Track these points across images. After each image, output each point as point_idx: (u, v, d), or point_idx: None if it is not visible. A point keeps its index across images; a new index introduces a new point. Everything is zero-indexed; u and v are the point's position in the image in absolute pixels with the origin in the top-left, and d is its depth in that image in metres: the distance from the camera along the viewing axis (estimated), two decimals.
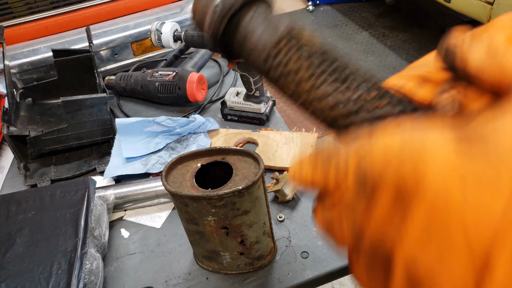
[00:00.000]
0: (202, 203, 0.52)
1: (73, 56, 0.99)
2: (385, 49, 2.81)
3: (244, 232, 0.56)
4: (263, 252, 0.62)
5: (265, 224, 0.58)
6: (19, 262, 0.60)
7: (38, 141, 0.85)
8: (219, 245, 0.59)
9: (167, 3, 1.28)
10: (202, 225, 0.55)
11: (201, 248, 0.62)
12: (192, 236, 0.61)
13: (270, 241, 0.62)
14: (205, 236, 0.58)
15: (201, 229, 0.56)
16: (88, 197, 0.69)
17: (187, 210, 0.55)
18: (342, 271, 0.64)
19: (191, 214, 0.55)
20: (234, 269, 0.63)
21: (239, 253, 0.60)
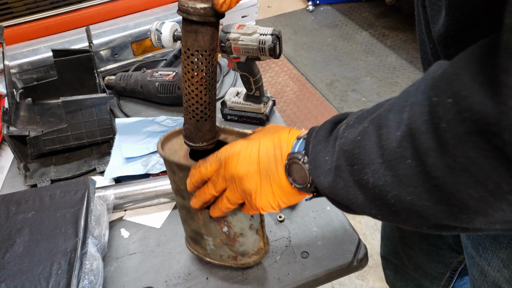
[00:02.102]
0: (187, 173, 0.52)
1: (73, 56, 0.99)
2: (385, 49, 2.81)
3: (227, 219, 0.56)
4: (248, 249, 0.60)
5: (253, 218, 0.57)
6: (19, 262, 0.60)
7: (38, 141, 0.85)
8: (202, 227, 0.59)
9: (167, 3, 1.28)
10: (188, 199, 0.55)
11: (187, 227, 0.62)
12: (180, 211, 0.61)
13: (260, 240, 0.60)
14: (190, 214, 0.58)
15: (187, 204, 0.56)
16: (88, 197, 0.69)
17: (175, 179, 0.55)
18: (342, 271, 0.64)
19: (178, 185, 0.56)
20: (217, 259, 0.62)
21: (222, 241, 0.59)
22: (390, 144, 0.33)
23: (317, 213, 0.73)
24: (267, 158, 0.46)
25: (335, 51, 2.86)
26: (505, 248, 0.56)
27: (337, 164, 0.39)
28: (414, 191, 0.32)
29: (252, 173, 0.47)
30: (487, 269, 0.60)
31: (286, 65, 2.80)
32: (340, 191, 0.39)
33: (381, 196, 0.35)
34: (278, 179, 0.46)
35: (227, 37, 0.83)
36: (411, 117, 0.31)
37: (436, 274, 0.94)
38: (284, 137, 0.47)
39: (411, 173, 0.32)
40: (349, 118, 0.41)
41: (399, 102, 0.34)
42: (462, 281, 0.94)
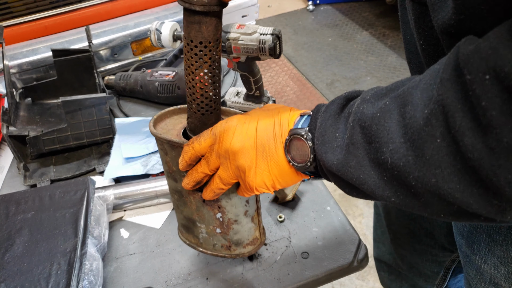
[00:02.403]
0: (179, 153, 0.50)
1: (72, 56, 0.99)
2: (385, 49, 2.81)
3: (221, 203, 0.53)
4: (243, 238, 0.57)
5: (248, 203, 0.55)
6: (19, 262, 0.60)
7: (37, 141, 0.85)
8: (195, 212, 0.56)
9: (167, 3, 1.28)
10: (180, 182, 0.52)
11: (179, 213, 0.59)
12: (172, 196, 0.58)
13: (255, 229, 0.58)
14: (183, 198, 0.56)
15: (179, 188, 0.54)
16: (88, 197, 0.68)
17: (166, 160, 0.53)
18: (342, 271, 0.64)
19: (170, 165, 0.53)
20: (210, 248, 0.60)
21: (215, 228, 0.57)
22: (415, 122, 0.31)
23: (317, 213, 0.73)
24: (266, 134, 0.44)
25: (335, 51, 2.86)
26: (501, 245, 0.56)
27: (351, 141, 0.37)
28: (441, 172, 0.30)
29: (247, 148, 0.44)
30: (483, 267, 0.60)
31: (286, 65, 2.80)
32: (351, 170, 0.37)
33: (400, 177, 0.33)
34: (275, 156, 0.44)
35: (227, 37, 0.83)
36: (442, 94, 0.29)
37: (430, 273, 0.94)
38: (285, 115, 0.45)
39: (439, 154, 0.30)
40: (364, 94, 0.39)
41: (425, 80, 0.32)
42: (456, 279, 0.94)
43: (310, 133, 0.42)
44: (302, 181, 0.47)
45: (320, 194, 0.76)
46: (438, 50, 0.45)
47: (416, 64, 0.56)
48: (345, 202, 1.82)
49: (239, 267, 0.65)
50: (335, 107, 0.41)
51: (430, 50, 0.46)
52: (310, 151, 0.42)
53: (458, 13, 0.34)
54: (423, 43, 0.46)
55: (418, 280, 0.98)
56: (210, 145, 0.47)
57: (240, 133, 0.45)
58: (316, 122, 0.42)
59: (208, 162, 0.47)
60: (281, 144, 0.44)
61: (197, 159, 0.48)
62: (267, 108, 0.48)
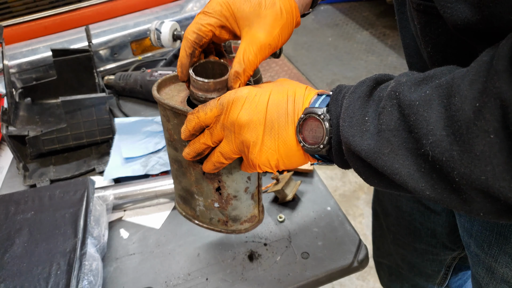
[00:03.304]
0: (182, 121, 0.48)
1: (72, 56, 0.99)
2: (385, 49, 2.81)
3: (222, 178, 0.51)
4: (241, 214, 0.56)
5: (249, 180, 0.53)
6: (18, 263, 0.60)
7: (37, 141, 0.85)
8: (194, 184, 0.54)
9: (167, 2, 1.28)
10: (181, 151, 0.51)
11: (178, 184, 0.58)
12: (172, 166, 0.57)
13: (254, 207, 0.56)
14: (182, 168, 0.54)
15: (179, 157, 0.52)
16: (87, 197, 0.68)
17: (168, 127, 0.51)
18: (342, 271, 0.64)
19: (172, 133, 0.51)
20: (206, 221, 0.58)
21: (213, 202, 0.55)
22: (463, 115, 0.29)
23: (317, 213, 0.72)
24: (277, 109, 0.42)
25: (335, 51, 2.86)
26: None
27: (387, 126, 0.34)
28: (492, 170, 0.28)
29: (255, 123, 0.42)
30: (495, 266, 0.59)
31: (286, 65, 2.80)
32: (384, 158, 0.35)
33: (442, 171, 0.31)
34: (284, 134, 0.42)
35: None
36: (500, 87, 0.27)
37: (431, 273, 0.94)
38: (301, 92, 0.43)
39: (492, 150, 0.28)
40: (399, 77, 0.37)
41: (473, 71, 0.30)
42: (457, 277, 0.94)
43: (328, 114, 0.40)
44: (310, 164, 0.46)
45: (320, 194, 0.76)
46: (447, 56, 0.44)
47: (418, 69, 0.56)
48: (345, 202, 1.82)
49: (239, 267, 0.65)
50: (365, 88, 0.39)
51: (439, 57, 0.45)
52: (326, 133, 0.40)
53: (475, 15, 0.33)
54: (431, 51, 0.45)
55: (419, 280, 0.97)
56: (216, 115, 0.44)
57: (249, 105, 0.42)
58: (339, 103, 0.40)
59: (211, 133, 0.45)
60: (292, 123, 0.42)
61: (201, 129, 0.46)
62: (280, 82, 0.46)
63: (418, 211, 0.83)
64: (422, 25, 0.44)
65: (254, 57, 0.45)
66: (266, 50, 0.46)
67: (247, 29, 0.46)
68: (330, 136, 0.40)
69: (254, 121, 0.42)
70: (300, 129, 0.41)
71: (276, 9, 0.46)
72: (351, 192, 1.85)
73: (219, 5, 0.46)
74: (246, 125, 0.42)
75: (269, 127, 0.42)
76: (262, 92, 0.43)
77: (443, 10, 0.36)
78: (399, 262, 0.98)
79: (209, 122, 0.45)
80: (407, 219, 0.87)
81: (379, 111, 0.36)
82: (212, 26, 0.47)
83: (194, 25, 0.47)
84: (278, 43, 0.47)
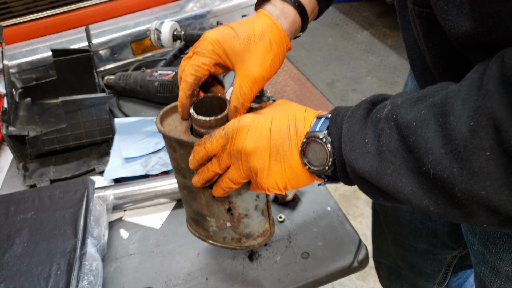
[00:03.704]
0: (189, 151, 0.50)
1: (72, 56, 0.99)
2: (385, 49, 2.81)
3: (232, 199, 0.53)
4: (253, 231, 0.57)
5: (259, 198, 0.54)
6: (18, 263, 0.60)
7: (37, 141, 0.85)
8: (205, 207, 0.56)
9: (167, 2, 1.28)
10: (189, 178, 0.52)
11: (189, 208, 0.59)
12: (181, 191, 0.58)
13: (265, 221, 0.58)
14: (192, 193, 0.56)
15: (189, 183, 0.54)
16: (87, 197, 0.68)
17: (175, 157, 0.53)
18: (342, 271, 0.64)
19: (179, 162, 0.53)
20: (220, 241, 0.59)
21: (225, 222, 0.56)
22: (459, 134, 0.31)
23: (317, 213, 0.72)
24: (280, 135, 0.43)
25: (335, 51, 2.86)
26: None
27: (387, 148, 0.36)
28: (491, 185, 0.30)
29: (261, 150, 0.43)
30: (499, 264, 0.59)
31: (286, 65, 2.80)
32: (387, 177, 0.36)
33: (443, 188, 0.33)
34: (290, 158, 0.43)
35: None
36: (492, 107, 0.29)
37: (431, 272, 0.94)
38: (300, 115, 0.44)
39: (489, 166, 0.29)
40: (394, 99, 0.38)
41: (465, 90, 0.32)
42: (457, 277, 0.94)
43: (329, 136, 0.41)
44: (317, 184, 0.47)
45: (320, 194, 0.76)
46: (451, 62, 0.44)
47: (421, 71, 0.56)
48: (345, 202, 1.82)
49: (239, 267, 0.65)
50: (361, 111, 0.40)
51: (443, 63, 0.46)
52: (329, 155, 0.41)
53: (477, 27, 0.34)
54: (435, 57, 0.46)
55: (419, 280, 0.97)
56: (222, 145, 0.46)
57: (253, 133, 0.44)
58: (338, 126, 0.41)
59: (219, 161, 0.47)
60: (296, 147, 0.43)
61: (208, 158, 0.48)
62: (280, 106, 0.47)
63: (419, 210, 0.83)
64: (425, 32, 0.45)
65: (249, 91, 0.48)
66: (260, 83, 0.48)
67: (239, 65, 0.48)
68: (333, 158, 0.41)
69: (260, 148, 0.44)
70: (304, 153, 0.43)
71: (266, 42, 0.48)
72: (351, 192, 1.85)
73: (211, 44, 0.48)
74: (252, 152, 0.44)
75: (274, 152, 0.44)
76: (264, 119, 0.45)
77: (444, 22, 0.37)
78: (398, 262, 0.98)
79: (216, 152, 0.47)
80: (408, 218, 0.87)
81: (378, 133, 0.37)
82: (208, 66, 0.49)
83: (190, 66, 0.49)
84: (271, 74, 0.49)
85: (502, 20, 0.32)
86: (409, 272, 0.98)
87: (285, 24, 0.51)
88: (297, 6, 0.52)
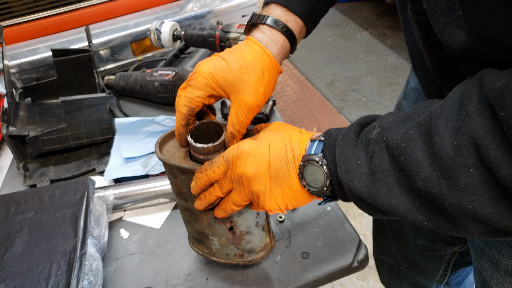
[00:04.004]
0: (189, 177, 0.52)
1: (72, 56, 0.99)
2: (385, 49, 2.81)
3: (233, 219, 0.55)
4: (255, 246, 0.60)
5: (259, 215, 0.56)
6: (19, 263, 0.60)
7: (37, 141, 0.85)
8: (207, 227, 0.58)
9: (167, 3, 1.28)
10: (191, 201, 0.54)
11: (191, 228, 0.61)
12: (183, 213, 0.60)
13: (266, 236, 0.60)
14: (194, 215, 0.57)
15: (190, 206, 0.55)
16: (88, 197, 0.68)
17: (176, 182, 0.54)
18: (342, 271, 0.64)
19: (180, 187, 0.54)
20: (223, 257, 0.61)
21: (228, 240, 0.58)
22: (445, 153, 0.33)
23: (317, 213, 0.72)
24: (278, 159, 0.46)
25: (335, 51, 2.86)
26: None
27: (380, 168, 0.38)
28: (477, 199, 0.32)
29: (261, 175, 0.46)
30: (498, 259, 0.60)
31: (286, 65, 2.80)
32: (382, 196, 0.38)
33: (434, 203, 0.35)
34: (289, 181, 0.46)
35: (227, 37, 0.83)
36: (471, 127, 0.31)
37: (431, 270, 0.94)
38: (296, 139, 0.47)
39: (474, 182, 0.31)
40: (381, 121, 0.40)
41: (447, 110, 0.34)
42: (456, 274, 0.95)
43: (324, 159, 0.43)
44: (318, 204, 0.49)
45: None
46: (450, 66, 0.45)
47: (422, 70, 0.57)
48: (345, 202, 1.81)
49: (239, 267, 0.65)
50: (352, 135, 0.42)
51: (442, 67, 0.47)
52: (326, 176, 0.43)
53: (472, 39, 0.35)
54: (434, 61, 0.47)
55: (419, 278, 0.98)
56: (223, 171, 0.48)
57: (253, 159, 0.46)
58: (331, 148, 0.43)
59: (221, 186, 0.49)
60: (294, 170, 0.45)
61: (210, 184, 0.50)
62: (276, 130, 0.49)
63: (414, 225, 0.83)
64: (424, 37, 0.46)
65: (245, 118, 0.51)
66: (255, 110, 0.51)
67: (234, 95, 0.50)
68: (331, 179, 0.43)
69: (260, 173, 0.46)
70: (302, 175, 0.45)
71: (258, 71, 0.50)
72: None
73: (204, 78, 0.50)
74: (253, 177, 0.46)
75: (274, 176, 0.46)
76: (262, 144, 0.47)
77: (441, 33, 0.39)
78: (398, 259, 0.98)
79: (218, 178, 0.49)
80: None
81: (370, 155, 0.39)
82: (201, 98, 0.51)
83: (184, 98, 0.51)
84: (265, 100, 0.52)
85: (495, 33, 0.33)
86: (409, 270, 0.98)
87: (275, 50, 0.54)
88: (285, 32, 0.55)
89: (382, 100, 2.38)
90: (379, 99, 2.40)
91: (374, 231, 1.05)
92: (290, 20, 0.55)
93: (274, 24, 0.54)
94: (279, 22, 0.54)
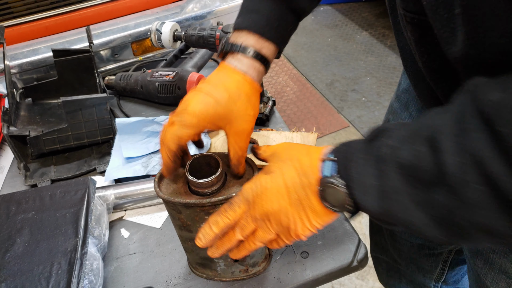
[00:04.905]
0: (195, 210, 0.52)
1: (73, 56, 0.99)
2: (385, 49, 2.81)
3: None
4: (258, 259, 0.62)
5: None
6: (19, 262, 0.60)
7: (38, 141, 0.85)
8: None
9: (167, 3, 1.28)
10: (196, 231, 0.54)
11: (195, 256, 0.61)
12: (185, 243, 0.60)
13: (265, 248, 0.62)
14: None
15: (195, 236, 0.55)
16: (88, 197, 0.69)
17: (180, 217, 0.55)
18: (342, 271, 0.64)
19: (184, 221, 0.55)
20: (229, 276, 0.62)
21: (233, 260, 0.60)
22: (450, 169, 0.33)
23: None
24: (294, 188, 0.46)
25: (335, 51, 2.86)
26: None
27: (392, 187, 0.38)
28: (487, 213, 0.33)
29: (285, 207, 0.46)
30: (493, 257, 0.61)
31: (286, 65, 2.80)
32: (398, 214, 0.39)
33: (449, 217, 0.35)
34: (311, 205, 0.46)
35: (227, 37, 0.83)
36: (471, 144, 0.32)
37: (428, 268, 0.94)
38: (306, 162, 0.47)
39: (480, 197, 0.32)
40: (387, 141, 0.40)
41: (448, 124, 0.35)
42: (454, 272, 0.95)
43: (342, 179, 0.43)
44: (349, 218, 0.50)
45: None
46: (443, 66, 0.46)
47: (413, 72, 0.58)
48: None
49: None
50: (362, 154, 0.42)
51: (435, 66, 0.47)
52: (347, 196, 0.43)
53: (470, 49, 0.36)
54: (426, 61, 0.47)
55: (417, 276, 0.98)
56: (244, 211, 0.48)
57: (272, 194, 0.46)
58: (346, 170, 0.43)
59: (243, 228, 0.49)
60: (312, 194, 0.46)
61: (229, 227, 0.49)
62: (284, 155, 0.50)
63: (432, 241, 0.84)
64: (417, 37, 0.46)
65: (244, 143, 0.54)
66: (250, 133, 0.55)
67: (228, 126, 0.53)
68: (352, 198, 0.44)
69: (284, 205, 0.46)
70: (324, 198, 0.45)
71: (243, 99, 0.53)
72: None
73: (196, 118, 0.52)
74: (279, 211, 0.46)
75: (295, 204, 0.46)
76: (276, 176, 0.48)
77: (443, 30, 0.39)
78: (396, 257, 0.98)
79: (239, 218, 0.49)
80: None
81: (382, 175, 0.39)
82: (190, 135, 0.53)
83: (174, 136, 0.52)
84: (255, 120, 0.55)
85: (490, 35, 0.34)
86: (407, 268, 0.98)
87: (254, 75, 0.56)
88: (260, 59, 0.57)
89: (382, 100, 2.39)
90: (379, 99, 2.41)
91: (371, 230, 1.05)
92: (263, 47, 0.57)
93: (249, 54, 0.56)
94: (254, 51, 0.56)
